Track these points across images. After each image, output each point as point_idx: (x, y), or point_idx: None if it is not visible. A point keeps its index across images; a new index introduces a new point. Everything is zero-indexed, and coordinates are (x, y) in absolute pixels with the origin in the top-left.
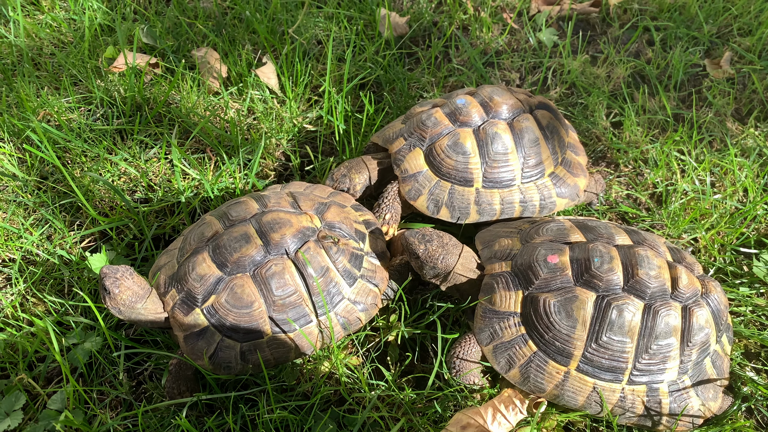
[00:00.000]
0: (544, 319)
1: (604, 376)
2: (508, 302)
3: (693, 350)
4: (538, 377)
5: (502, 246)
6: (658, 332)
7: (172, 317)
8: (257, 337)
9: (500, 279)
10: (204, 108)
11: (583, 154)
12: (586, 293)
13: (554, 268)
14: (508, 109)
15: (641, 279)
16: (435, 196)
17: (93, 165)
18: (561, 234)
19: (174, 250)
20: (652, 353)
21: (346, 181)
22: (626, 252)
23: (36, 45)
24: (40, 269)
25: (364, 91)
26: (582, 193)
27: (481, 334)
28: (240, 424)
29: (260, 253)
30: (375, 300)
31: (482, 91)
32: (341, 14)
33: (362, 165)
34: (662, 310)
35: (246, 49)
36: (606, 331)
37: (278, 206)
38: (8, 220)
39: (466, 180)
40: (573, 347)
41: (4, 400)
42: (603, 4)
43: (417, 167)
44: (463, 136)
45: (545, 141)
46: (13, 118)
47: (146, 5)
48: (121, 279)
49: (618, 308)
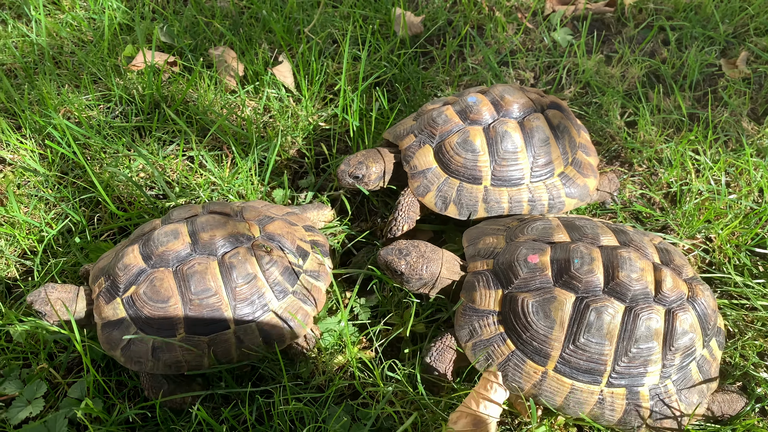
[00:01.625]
0: (522, 319)
1: (582, 377)
2: (487, 300)
3: (676, 355)
4: (516, 376)
5: (486, 244)
6: (639, 335)
7: (95, 305)
8: (170, 335)
9: (481, 277)
10: (221, 106)
11: (595, 155)
12: (564, 294)
13: (534, 268)
14: (519, 108)
15: (622, 281)
16: (443, 193)
17: (112, 161)
18: (545, 233)
19: (119, 246)
20: (631, 356)
21: (363, 168)
22: (609, 253)
23: (57, 44)
24: (61, 262)
25: (380, 88)
26: (592, 193)
27: (461, 331)
28: (255, 416)
29: (186, 250)
30: (305, 319)
31: (494, 90)
32: (357, 13)
33: (378, 155)
34: (643, 313)
35: (262, 48)
36: (584, 333)
37: (219, 211)
38: (30, 214)
39: (474, 178)
40: (550, 348)
41: (27, 388)
42: (618, 3)
43: (426, 164)
44: (473, 134)
45: (556, 141)
46: (35, 115)
47: (164, 5)
48: (47, 296)
49: (596, 310)
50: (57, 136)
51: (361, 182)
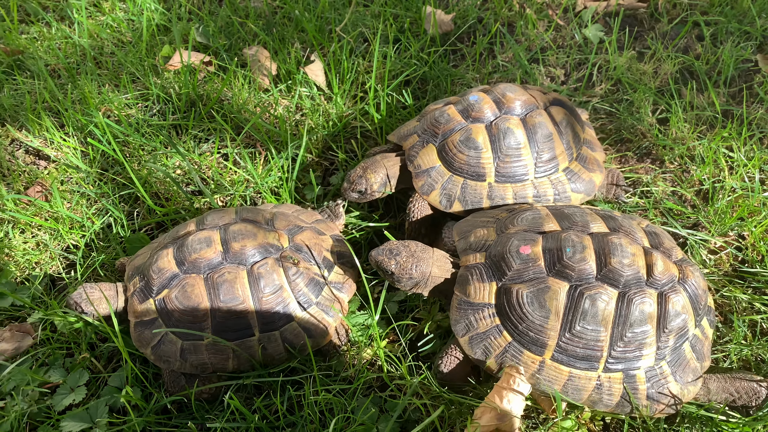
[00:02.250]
0: (517, 310)
1: (579, 364)
2: (482, 294)
3: (670, 336)
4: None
5: (478, 237)
6: (633, 320)
7: (130, 303)
8: (197, 338)
9: (474, 271)
10: (254, 104)
11: (601, 151)
12: (558, 283)
13: (527, 259)
14: (521, 105)
15: (614, 267)
16: (447, 191)
17: (150, 158)
18: (535, 223)
19: (155, 243)
20: (627, 341)
21: (363, 182)
22: (600, 240)
23: (97, 45)
24: (101, 256)
25: (410, 87)
26: (598, 188)
27: (457, 325)
28: (286, 405)
29: (217, 258)
30: (327, 329)
31: (496, 89)
32: (387, 12)
33: (378, 164)
34: (636, 297)
35: (295, 48)
36: (579, 321)
37: (251, 219)
38: (73, 210)
39: (478, 175)
40: (547, 337)
41: (70, 376)
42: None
43: (430, 163)
44: (475, 131)
45: (559, 136)
46: (77, 113)
47: (200, 5)
48: (87, 296)
49: (591, 297)
50: (98, 134)
51: (366, 195)
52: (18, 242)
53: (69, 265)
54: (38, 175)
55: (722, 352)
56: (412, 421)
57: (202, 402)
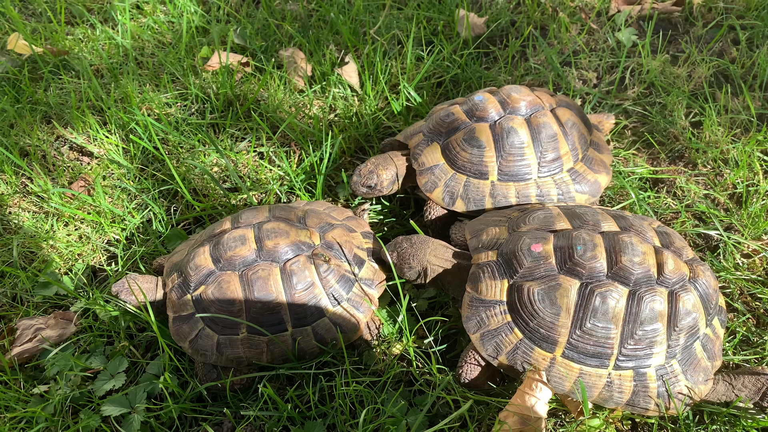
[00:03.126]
0: (528, 307)
1: (589, 361)
2: (493, 291)
3: (680, 335)
4: (525, 364)
5: (490, 235)
6: (643, 318)
7: (168, 298)
8: (233, 333)
9: (486, 268)
10: (289, 105)
11: (608, 153)
12: (569, 281)
13: (538, 257)
14: (526, 106)
15: (625, 266)
16: (450, 189)
17: (189, 155)
18: (547, 222)
19: (192, 240)
20: (637, 339)
21: (374, 177)
22: (611, 239)
23: (139, 46)
24: (141, 249)
25: (441, 88)
26: (603, 189)
27: (469, 322)
28: (318, 397)
29: (252, 256)
30: (357, 325)
31: (502, 90)
32: (421, 15)
33: (389, 160)
34: (647, 295)
35: (330, 49)
36: (590, 318)
37: (284, 217)
38: (114, 204)
39: (481, 173)
40: (558, 334)
41: (110, 363)
42: (686, 3)
43: (434, 161)
44: (479, 130)
45: (564, 137)
46: (120, 111)
47: (238, 8)
48: (130, 286)
49: (601, 295)
50: (140, 131)
51: (375, 190)
52: (62, 234)
53: (110, 258)
54: (81, 171)
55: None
56: (441, 415)
57: (236, 391)
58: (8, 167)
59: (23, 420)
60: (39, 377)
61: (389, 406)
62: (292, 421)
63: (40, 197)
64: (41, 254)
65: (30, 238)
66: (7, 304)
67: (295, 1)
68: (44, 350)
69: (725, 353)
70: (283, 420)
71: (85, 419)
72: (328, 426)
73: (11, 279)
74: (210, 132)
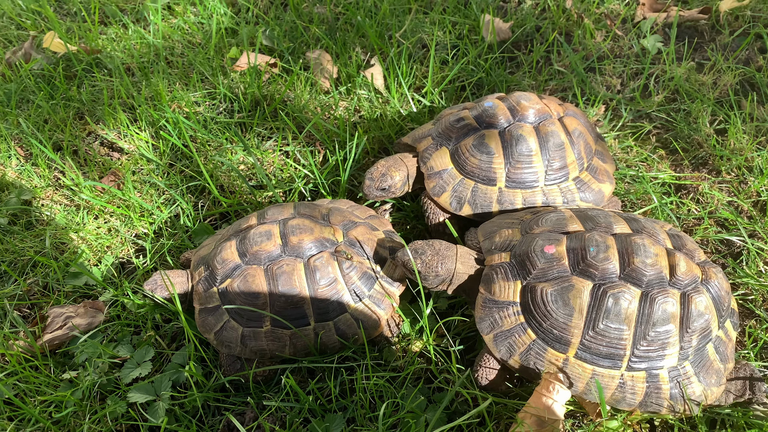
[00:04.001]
0: (541, 308)
1: (602, 362)
2: (507, 292)
3: (693, 336)
4: (538, 364)
5: (502, 237)
6: (656, 319)
7: (195, 290)
8: (257, 326)
9: (499, 269)
10: (315, 105)
11: (611, 162)
12: (582, 282)
13: (551, 258)
14: (534, 114)
15: (637, 267)
16: (458, 194)
17: (217, 153)
18: (559, 224)
19: (218, 235)
20: (650, 340)
21: (387, 179)
22: (623, 241)
23: (169, 45)
24: (169, 243)
25: (465, 92)
26: (608, 198)
27: (482, 323)
28: (338, 390)
29: (277, 251)
30: (378, 321)
31: (511, 96)
32: (446, 20)
33: (400, 162)
34: (659, 297)
35: (356, 52)
36: (603, 319)
37: (308, 214)
38: (143, 198)
39: (489, 179)
40: (571, 335)
41: (137, 352)
42: (713, 10)
43: (442, 165)
44: (489, 137)
45: (571, 146)
46: (150, 109)
47: (266, 10)
48: (164, 283)
49: (614, 296)
50: (170, 128)
51: (389, 192)
52: (92, 227)
53: (138, 251)
54: (112, 166)
55: None
56: (459, 412)
57: (259, 383)
58: (42, 161)
59: (53, 404)
60: (68, 363)
61: (408, 402)
62: (312, 414)
63: (72, 190)
64: (72, 246)
65: (61, 230)
66: (39, 293)
67: (322, 4)
68: (74, 337)
69: (747, 359)
70: (304, 412)
71: (112, 405)
72: (347, 419)
73: (43, 268)
74: (237, 130)
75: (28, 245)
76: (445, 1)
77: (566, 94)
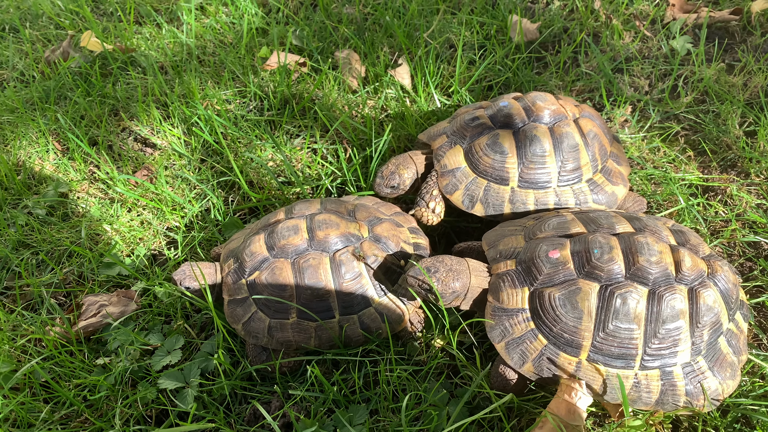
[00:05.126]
0: (550, 313)
1: (615, 363)
2: (515, 299)
3: (704, 331)
4: (552, 369)
5: (507, 245)
6: (665, 316)
7: (224, 282)
8: (284, 318)
9: (506, 277)
10: (343, 104)
11: (626, 165)
12: (589, 284)
13: (556, 263)
14: (549, 114)
15: (642, 266)
16: (471, 192)
17: (247, 150)
18: (562, 228)
19: (247, 229)
20: (661, 337)
21: (396, 178)
22: (626, 240)
23: (201, 44)
24: (199, 236)
25: (492, 92)
26: (621, 201)
27: (493, 332)
28: (362, 382)
29: (303, 245)
30: (402, 316)
31: (527, 96)
32: (474, 20)
33: (409, 160)
34: (667, 294)
35: (384, 52)
36: (612, 320)
37: (334, 210)
38: (175, 192)
39: (502, 178)
40: (581, 338)
41: (167, 340)
42: (744, 12)
43: (456, 163)
44: (503, 136)
45: (585, 147)
46: (182, 105)
47: (296, 11)
48: (193, 273)
49: (621, 296)
50: (202, 125)
51: (398, 189)
52: (125, 219)
53: (169, 243)
54: (145, 161)
55: None
56: (481, 407)
57: (284, 373)
58: (78, 155)
59: (86, 388)
60: (102, 349)
61: (431, 395)
62: (336, 404)
63: (106, 184)
64: (106, 237)
65: (96, 222)
66: (74, 282)
67: (351, 4)
68: (107, 325)
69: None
70: (328, 402)
71: (142, 391)
72: (371, 410)
73: (78, 258)
74: (267, 128)
75: (64, 236)
76: (473, 2)
77: (593, 95)
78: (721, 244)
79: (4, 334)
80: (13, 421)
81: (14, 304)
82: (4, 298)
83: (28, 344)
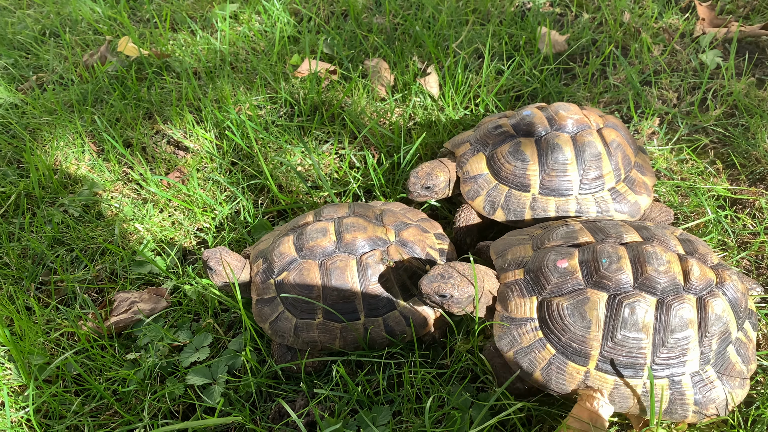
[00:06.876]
0: (559, 323)
1: (624, 372)
2: (523, 309)
3: (713, 340)
4: (560, 379)
5: (515, 254)
6: (674, 326)
7: (253, 282)
8: (310, 318)
9: (514, 287)
10: (371, 111)
11: (651, 175)
12: (597, 294)
13: (564, 272)
14: (573, 124)
15: (651, 275)
16: (492, 198)
17: (277, 154)
18: (570, 237)
19: (276, 231)
20: (669, 347)
21: (432, 178)
22: (635, 250)
23: (234, 51)
24: (230, 237)
25: (520, 102)
26: (644, 211)
27: (501, 341)
28: (386, 383)
29: (331, 247)
30: (426, 320)
31: (551, 106)
32: (503, 31)
33: (443, 165)
34: (675, 303)
35: (413, 61)
36: (620, 329)
37: (362, 214)
38: (206, 194)
39: (523, 185)
40: (590, 347)
41: (195, 337)
42: None
43: (478, 170)
44: (524, 144)
45: (608, 156)
46: (215, 110)
47: (328, 20)
48: (221, 258)
49: (630, 306)
50: (233, 129)
51: (432, 192)
52: (157, 219)
53: (199, 243)
54: (177, 163)
55: None
56: (504, 411)
57: (309, 373)
58: (113, 156)
59: (116, 382)
60: (132, 345)
61: (454, 397)
62: (360, 404)
63: (139, 185)
64: (138, 236)
65: (129, 221)
66: (107, 278)
67: (381, 14)
68: (138, 321)
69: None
70: (352, 402)
71: (171, 386)
72: (394, 412)
73: (111, 256)
74: (297, 133)
75: (98, 234)
76: (501, 14)
77: (621, 107)
78: (749, 257)
79: (38, 328)
80: (45, 412)
81: (49, 299)
82: (40, 293)
83: (61, 338)
